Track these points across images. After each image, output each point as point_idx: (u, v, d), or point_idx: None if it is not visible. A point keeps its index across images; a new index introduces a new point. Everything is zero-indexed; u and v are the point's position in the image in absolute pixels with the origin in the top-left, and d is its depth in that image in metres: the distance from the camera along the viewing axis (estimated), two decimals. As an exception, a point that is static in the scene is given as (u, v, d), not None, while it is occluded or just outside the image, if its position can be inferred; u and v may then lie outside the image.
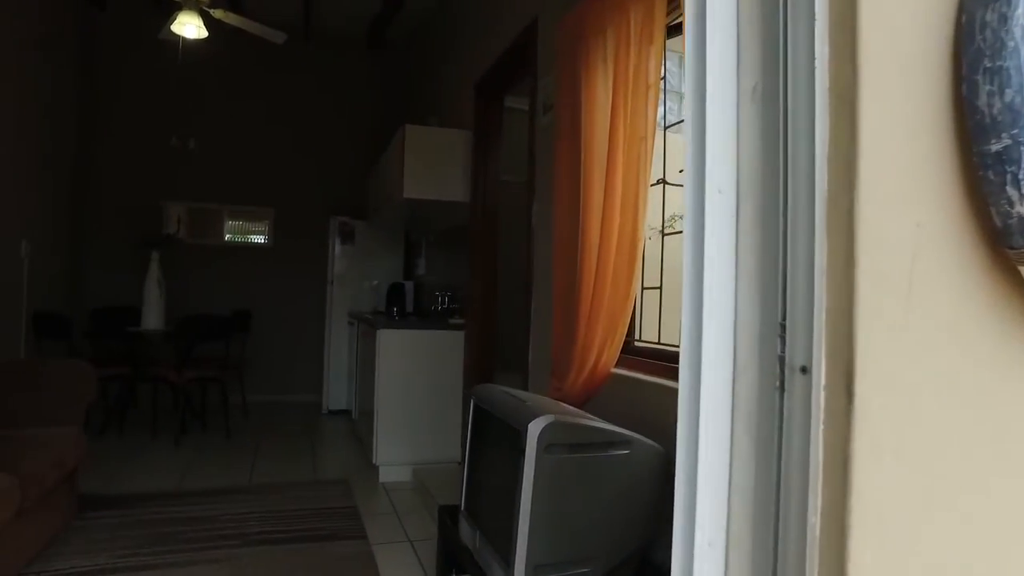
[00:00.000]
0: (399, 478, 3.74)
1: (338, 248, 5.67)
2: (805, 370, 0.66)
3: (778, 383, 0.69)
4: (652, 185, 2.17)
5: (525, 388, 2.98)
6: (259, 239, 6.17)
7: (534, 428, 1.49)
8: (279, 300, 6.17)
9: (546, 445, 1.50)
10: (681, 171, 0.79)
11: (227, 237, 6.08)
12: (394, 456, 3.71)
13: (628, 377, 2.17)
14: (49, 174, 4.76)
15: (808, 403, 0.66)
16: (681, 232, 2.27)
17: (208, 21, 3.89)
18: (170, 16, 3.90)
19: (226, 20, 3.95)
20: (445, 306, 4.10)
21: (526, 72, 3.18)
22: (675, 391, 0.79)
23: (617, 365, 2.24)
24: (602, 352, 2.21)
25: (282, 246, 6.19)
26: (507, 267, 3.93)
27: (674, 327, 2.23)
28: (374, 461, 3.69)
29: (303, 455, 4.24)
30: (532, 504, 1.51)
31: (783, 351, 0.69)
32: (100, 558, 2.53)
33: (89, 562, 2.48)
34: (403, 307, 5.08)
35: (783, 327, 0.69)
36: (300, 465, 3.98)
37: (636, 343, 2.33)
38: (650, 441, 1.73)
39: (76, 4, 5.20)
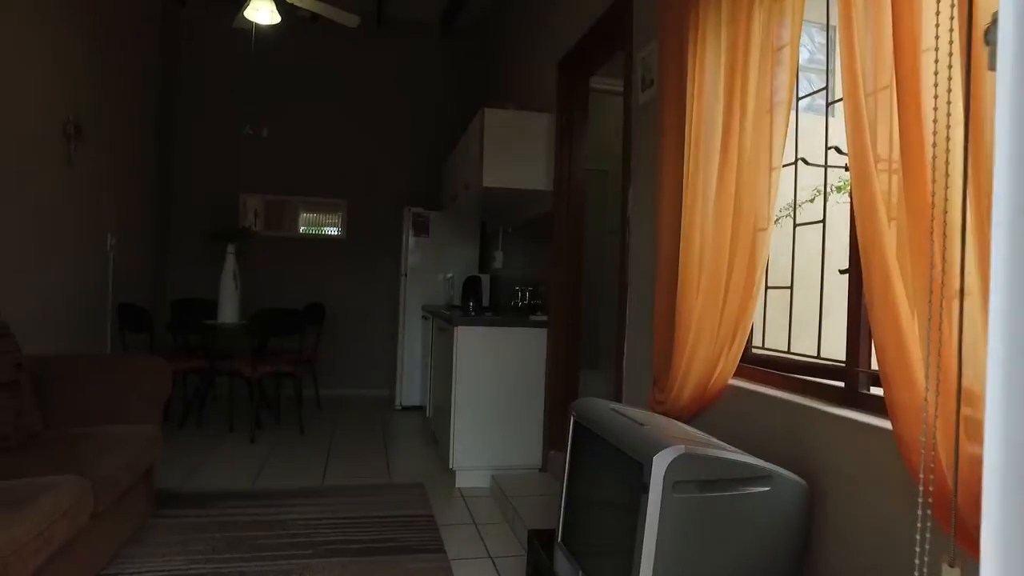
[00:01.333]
0: (476, 483, 3.54)
1: (411, 240, 5.53)
2: None
3: None
4: (785, 165, 1.84)
5: (618, 395, 2.70)
6: (332, 231, 6.11)
7: (660, 462, 1.22)
8: (352, 293, 6.10)
9: (674, 482, 1.23)
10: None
11: (301, 229, 6.05)
12: (472, 460, 3.51)
13: (749, 391, 1.86)
14: (134, 167, 4.80)
15: None
16: (814, 223, 1.94)
17: (281, 6, 3.77)
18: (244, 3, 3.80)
19: (299, 3, 3.82)
20: (525, 302, 3.86)
21: (618, 46, 2.89)
22: (811, 411, 0.52)
23: (735, 375, 1.94)
24: (716, 360, 1.91)
25: (355, 238, 6.11)
26: (590, 259, 3.66)
27: (808, 334, 1.90)
28: (451, 465, 3.50)
29: (376, 454, 4.10)
30: (656, 550, 1.24)
31: None
32: (173, 562, 2.43)
33: (163, 566, 2.38)
34: (480, 301, 4.88)
35: None
36: (373, 466, 3.84)
37: (759, 351, 2.01)
38: (791, 475, 1.43)
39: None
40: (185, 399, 4.83)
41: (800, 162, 1.98)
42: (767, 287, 1.95)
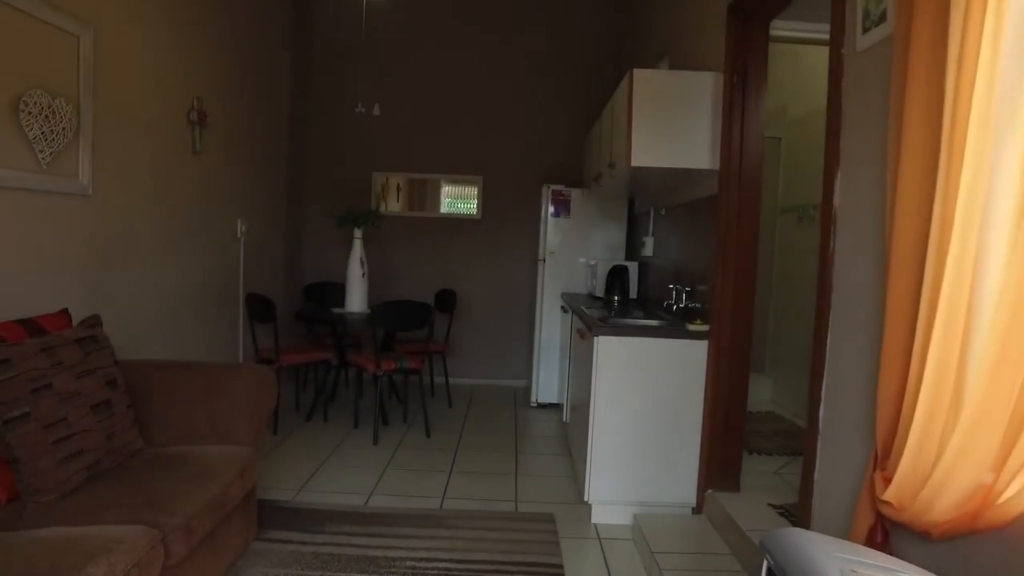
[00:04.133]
0: (615, 520, 2.99)
1: (551, 221, 4.99)
2: None
3: None
4: None
5: (808, 468, 1.99)
6: (467, 211, 5.72)
7: None
8: (486, 277, 5.71)
9: None
10: None
11: (433, 210, 5.72)
12: (610, 493, 2.96)
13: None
14: (264, 148, 4.68)
15: None
16: None
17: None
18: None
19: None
20: (682, 304, 3.19)
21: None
22: None
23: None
24: (1010, 458, 1.19)
25: (490, 219, 5.68)
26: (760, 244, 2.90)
27: None
28: (586, 498, 2.97)
29: (504, 466, 3.67)
30: None
31: None
32: (266, 609, 2.14)
33: (251, 617, 2.10)
34: (625, 294, 4.26)
35: None
36: (500, 485, 3.41)
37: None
38: None
39: (292, -31, 5.04)
40: (316, 388, 4.71)
41: None
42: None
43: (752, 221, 2.74)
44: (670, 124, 2.88)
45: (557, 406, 5.05)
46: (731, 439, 2.88)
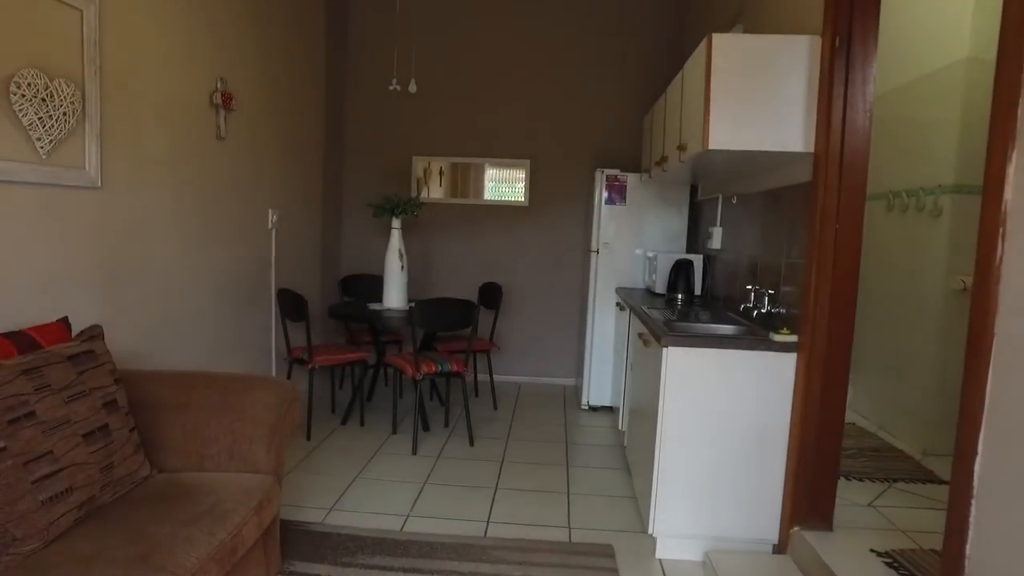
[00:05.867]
0: (684, 555, 2.61)
1: (604, 209, 4.58)
2: None
3: None
4: None
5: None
6: (513, 197, 5.35)
7: None
8: (533, 268, 5.34)
9: None
10: None
11: (477, 196, 5.36)
12: (679, 524, 2.58)
13: None
14: (297, 133, 4.39)
15: None
16: None
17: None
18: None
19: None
20: (764, 309, 2.77)
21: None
22: None
23: None
24: None
25: (538, 206, 5.30)
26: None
27: None
28: (650, 531, 2.60)
29: (555, 483, 3.33)
30: None
31: None
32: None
33: None
34: (690, 292, 3.84)
35: None
36: (551, 506, 3.06)
37: None
38: None
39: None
40: (352, 388, 4.45)
41: None
42: None
43: (856, 214, 2.30)
44: (756, 99, 2.44)
45: (610, 409, 4.68)
46: (823, 469, 2.46)
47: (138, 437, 2.03)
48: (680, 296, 3.79)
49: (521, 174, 5.32)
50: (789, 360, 2.48)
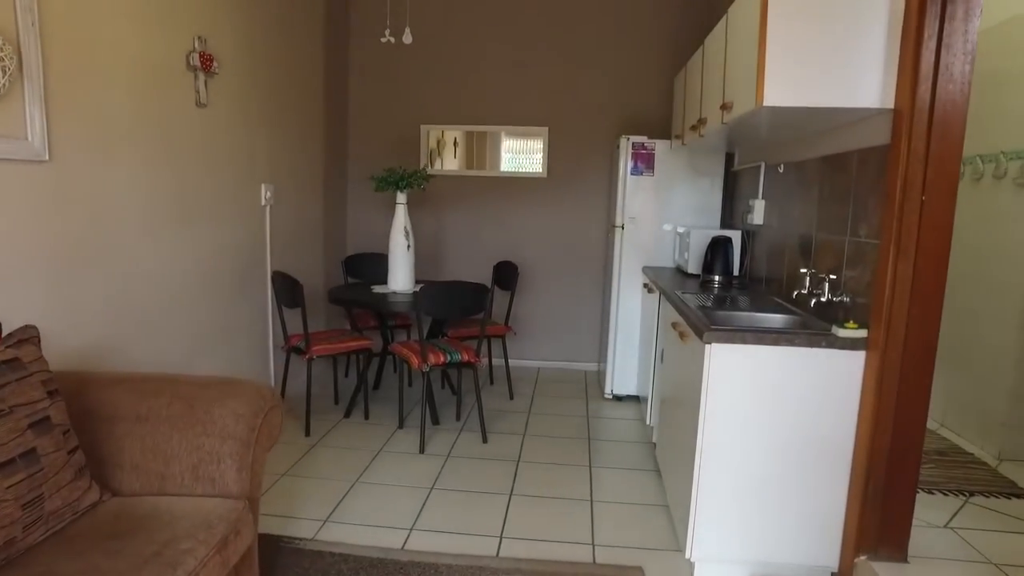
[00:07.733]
0: (727, 581, 2.26)
1: (629, 180, 4.16)
2: None
3: None
4: None
5: None
6: (530, 168, 4.93)
7: None
8: (552, 245, 4.95)
9: None
10: None
11: (492, 168, 4.96)
12: (721, 550, 2.22)
13: None
14: (294, 100, 4.01)
15: None
16: None
17: None
18: None
19: None
20: (825, 297, 2.36)
21: None
22: None
23: None
24: None
25: (557, 177, 4.88)
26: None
27: None
28: (688, 554, 2.25)
29: (577, 491, 2.98)
30: None
31: None
32: None
33: None
34: (728, 273, 3.43)
35: None
36: (572, 517, 2.72)
37: None
38: None
39: None
40: (357, 376, 4.13)
41: None
42: None
43: (948, 184, 1.88)
44: (822, 45, 2.01)
45: (636, 399, 4.31)
46: (898, 491, 2.07)
47: (82, 458, 1.71)
48: (717, 278, 3.39)
49: (539, 143, 4.90)
50: (857, 359, 2.08)
